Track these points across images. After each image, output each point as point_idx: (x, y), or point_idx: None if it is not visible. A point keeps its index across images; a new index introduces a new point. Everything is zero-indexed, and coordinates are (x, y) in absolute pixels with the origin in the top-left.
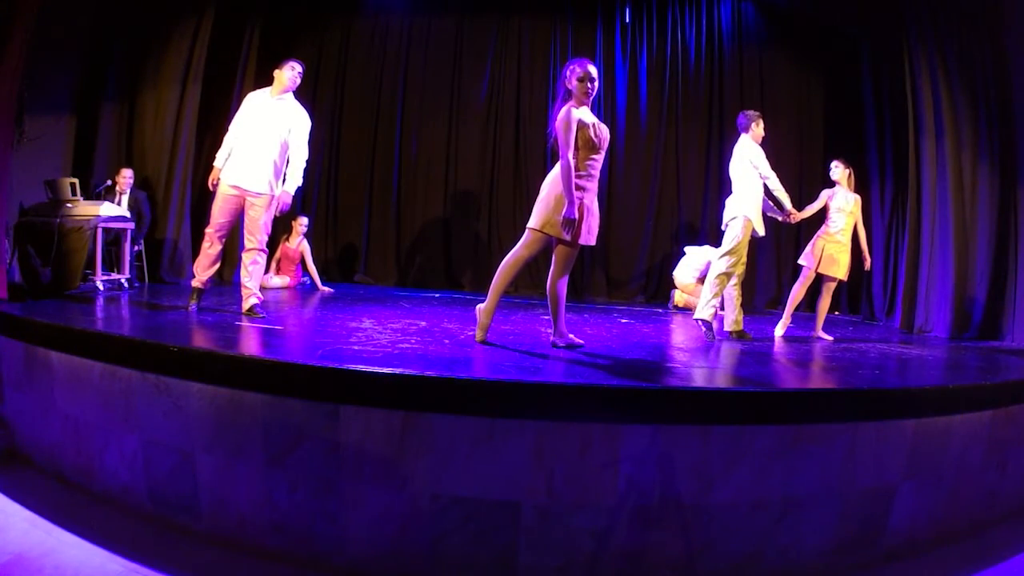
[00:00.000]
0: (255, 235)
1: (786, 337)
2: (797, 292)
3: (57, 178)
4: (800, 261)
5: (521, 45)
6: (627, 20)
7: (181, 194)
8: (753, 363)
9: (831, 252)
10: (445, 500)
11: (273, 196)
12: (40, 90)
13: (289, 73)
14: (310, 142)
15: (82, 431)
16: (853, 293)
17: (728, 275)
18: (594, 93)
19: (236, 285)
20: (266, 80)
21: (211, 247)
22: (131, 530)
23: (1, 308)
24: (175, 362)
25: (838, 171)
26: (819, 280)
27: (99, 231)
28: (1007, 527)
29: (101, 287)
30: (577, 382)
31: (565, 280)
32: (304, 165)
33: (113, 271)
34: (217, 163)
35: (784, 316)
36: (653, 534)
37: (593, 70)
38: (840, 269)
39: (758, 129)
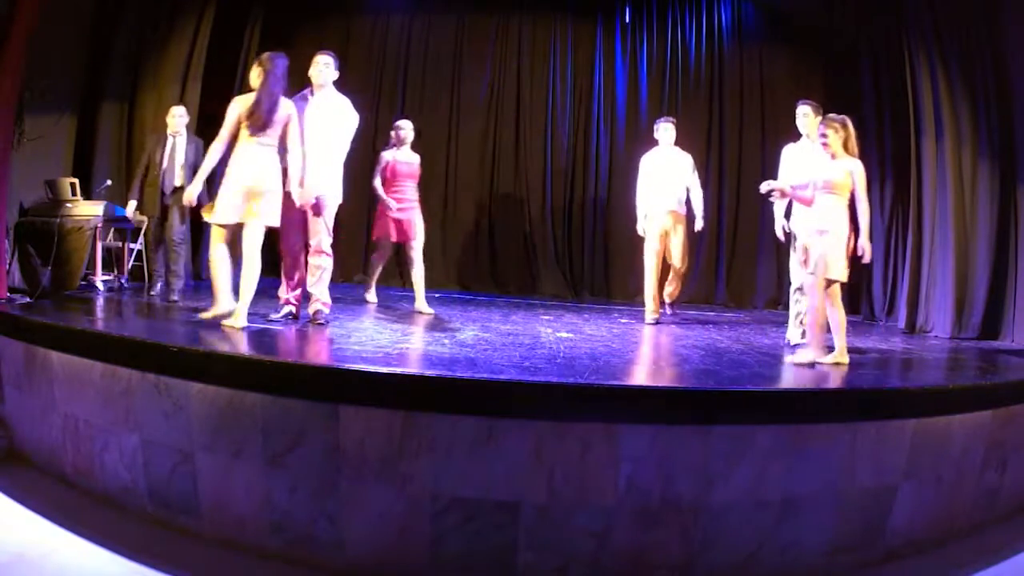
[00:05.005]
0: (317, 236)
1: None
2: None
3: (57, 178)
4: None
5: (521, 44)
6: (627, 20)
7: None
8: (753, 363)
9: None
10: (445, 500)
11: (324, 196)
12: (40, 90)
13: (312, 70)
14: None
15: (82, 431)
16: (853, 293)
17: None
18: None
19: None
20: None
21: (293, 267)
22: (131, 530)
23: (1, 308)
24: (175, 362)
25: None
26: None
27: (99, 231)
28: (1007, 527)
29: (101, 287)
30: (577, 382)
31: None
32: (344, 155)
33: (113, 271)
34: None
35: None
36: (653, 534)
37: None
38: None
39: (801, 126)
